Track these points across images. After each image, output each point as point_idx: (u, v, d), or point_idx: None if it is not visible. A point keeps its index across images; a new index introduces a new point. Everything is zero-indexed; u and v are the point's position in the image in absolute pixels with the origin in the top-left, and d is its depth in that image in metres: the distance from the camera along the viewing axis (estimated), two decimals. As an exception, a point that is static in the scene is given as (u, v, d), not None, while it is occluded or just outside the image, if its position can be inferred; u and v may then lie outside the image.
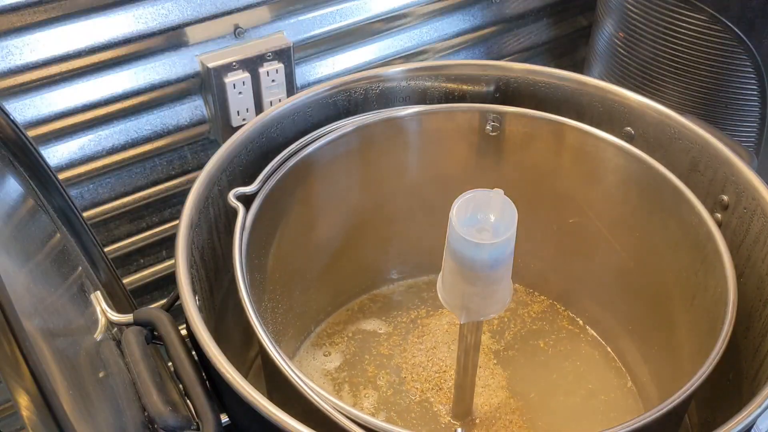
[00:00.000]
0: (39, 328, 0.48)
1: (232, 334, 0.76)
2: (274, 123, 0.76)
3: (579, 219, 0.82)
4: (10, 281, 0.42)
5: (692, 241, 0.70)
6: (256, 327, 0.58)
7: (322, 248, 0.84)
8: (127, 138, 0.87)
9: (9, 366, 0.40)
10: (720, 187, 0.72)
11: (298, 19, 0.92)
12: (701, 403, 0.77)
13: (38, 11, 0.76)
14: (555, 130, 0.79)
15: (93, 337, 0.60)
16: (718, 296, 0.64)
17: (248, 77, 0.88)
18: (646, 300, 0.80)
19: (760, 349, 0.66)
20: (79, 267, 0.65)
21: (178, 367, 0.57)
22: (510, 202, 0.63)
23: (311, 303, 0.86)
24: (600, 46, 1.08)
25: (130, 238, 0.95)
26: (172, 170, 0.93)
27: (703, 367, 0.57)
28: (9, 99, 0.78)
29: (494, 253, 0.62)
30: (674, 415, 0.56)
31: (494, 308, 0.67)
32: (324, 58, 0.98)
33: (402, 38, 1.03)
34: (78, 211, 0.66)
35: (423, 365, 0.83)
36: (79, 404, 0.47)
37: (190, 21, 0.84)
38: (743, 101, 0.94)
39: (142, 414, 0.54)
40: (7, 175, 0.59)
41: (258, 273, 0.72)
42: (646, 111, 0.77)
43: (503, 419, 0.78)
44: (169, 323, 0.59)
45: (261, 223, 0.69)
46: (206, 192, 0.69)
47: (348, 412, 0.53)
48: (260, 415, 0.52)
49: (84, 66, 0.81)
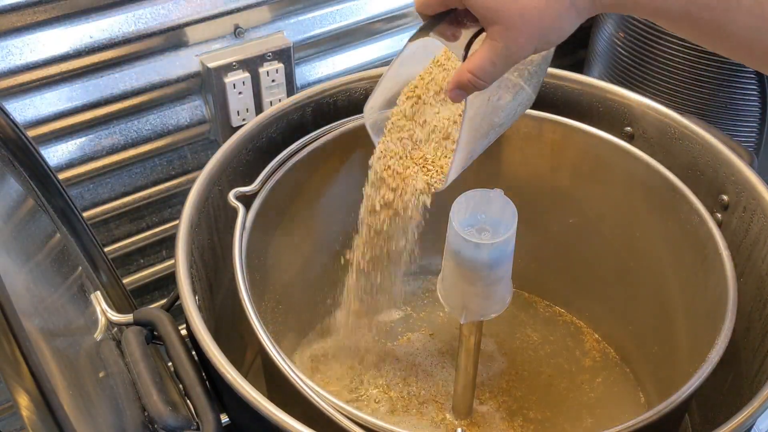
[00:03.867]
0: (39, 328, 0.48)
1: (232, 334, 0.76)
2: (274, 123, 0.76)
3: (579, 219, 0.82)
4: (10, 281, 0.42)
5: (692, 241, 0.70)
6: (256, 327, 0.58)
7: (322, 248, 0.84)
8: (127, 138, 0.87)
9: (9, 366, 0.40)
10: (720, 187, 0.72)
11: (298, 19, 0.92)
12: (701, 403, 0.77)
13: (38, 11, 0.76)
14: (555, 130, 0.79)
15: (93, 337, 0.60)
16: (718, 296, 0.64)
17: (248, 77, 0.88)
18: (646, 300, 0.80)
19: (760, 349, 0.66)
20: (79, 267, 0.65)
21: (178, 367, 0.57)
22: (510, 202, 0.63)
23: (311, 303, 0.86)
24: (600, 46, 1.08)
25: (130, 238, 0.95)
26: (172, 170, 0.93)
27: (703, 367, 0.57)
28: (9, 99, 0.78)
29: (494, 253, 0.62)
30: (674, 415, 0.56)
31: (494, 308, 0.67)
32: (324, 58, 0.98)
33: (402, 38, 1.03)
34: (78, 211, 0.66)
35: (423, 365, 0.83)
36: (79, 404, 0.47)
37: (190, 21, 0.84)
38: (743, 101, 0.94)
39: (142, 414, 0.54)
40: (7, 175, 0.59)
41: (258, 273, 0.72)
42: (646, 111, 0.77)
43: (503, 419, 0.78)
44: (169, 323, 0.59)
45: (261, 223, 0.69)
46: (206, 192, 0.69)
47: (348, 412, 0.53)
48: (260, 415, 0.52)
49: (84, 66, 0.81)
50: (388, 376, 0.82)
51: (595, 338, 0.87)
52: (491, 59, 0.51)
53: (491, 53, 0.51)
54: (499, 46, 0.51)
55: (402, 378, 0.82)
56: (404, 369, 0.83)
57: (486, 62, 0.52)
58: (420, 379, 0.82)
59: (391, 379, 0.82)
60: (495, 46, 0.51)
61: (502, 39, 0.50)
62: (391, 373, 0.82)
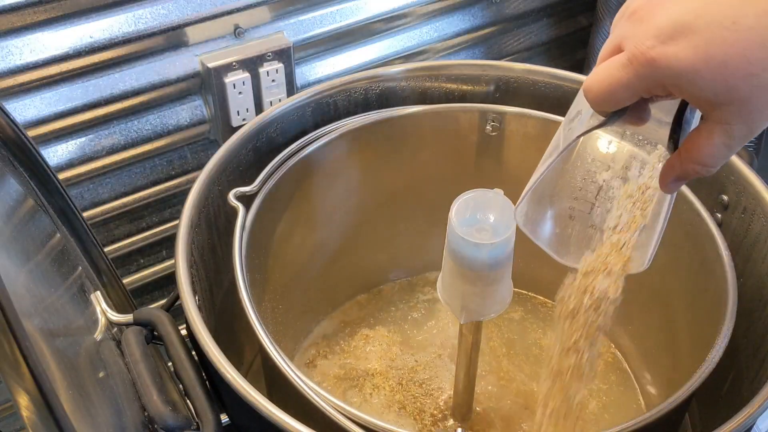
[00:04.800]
0: (39, 328, 0.48)
1: (232, 334, 0.76)
2: (274, 123, 0.76)
3: (579, 219, 0.82)
4: (10, 281, 0.42)
5: (692, 241, 0.70)
6: (256, 327, 0.58)
7: (322, 248, 0.84)
8: (127, 138, 0.87)
9: (9, 366, 0.40)
10: (720, 187, 0.72)
11: (298, 19, 0.92)
12: (701, 403, 0.77)
13: (38, 11, 0.76)
14: (555, 130, 0.79)
15: (93, 337, 0.60)
16: (718, 296, 0.64)
17: (248, 77, 0.88)
18: (646, 300, 0.79)
19: (760, 349, 0.66)
20: (79, 267, 0.65)
21: (178, 367, 0.57)
22: (510, 202, 0.63)
23: (311, 303, 0.86)
24: (600, 46, 1.08)
25: (130, 238, 0.95)
26: (172, 170, 0.93)
27: (703, 367, 0.57)
28: (9, 99, 0.78)
29: (494, 253, 0.62)
30: (674, 415, 0.56)
31: (494, 308, 0.67)
32: (324, 58, 0.98)
33: (402, 38, 1.03)
34: (78, 211, 0.66)
35: (423, 365, 0.83)
36: (79, 404, 0.47)
37: (190, 21, 0.84)
38: (743, 101, 0.94)
39: (142, 414, 0.54)
40: (7, 175, 0.59)
41: (258, 273, 0.72)
42: (646, 111, 0.77)
43: (503, 419, 0.78)
44: (169, 323, 0.59)
45: (261, 223, 0.69)
46: (206, 192, 0.69)
47: (348, 412, 0.53)
48: (260, 415, 0.52)
49: (84, 66, 0.81)
50: (388, 376, 0.82)
51: (595, 338, 0.87)
52: (726, 143, 0.43)
53: (725, 136, 0.43)
54: (736, 127, 0.42)
55: (402, 378, 0.82)
56: (404, 369, 0.83)
57: (721, 149, 0.43)
58: (420, 379, 0.82)
59: (391, 379, 0.82)
60: (729, 129, 0.42)
61: (737, 119, 0.42)
62: (391, 373, 0.82)
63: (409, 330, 0.87)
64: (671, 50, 0.40)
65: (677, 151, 0.46)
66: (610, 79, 0.43)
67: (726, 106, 0.41)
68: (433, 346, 0.85)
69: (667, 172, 0.47)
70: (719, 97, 0.41)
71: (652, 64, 0.41)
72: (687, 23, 0.40)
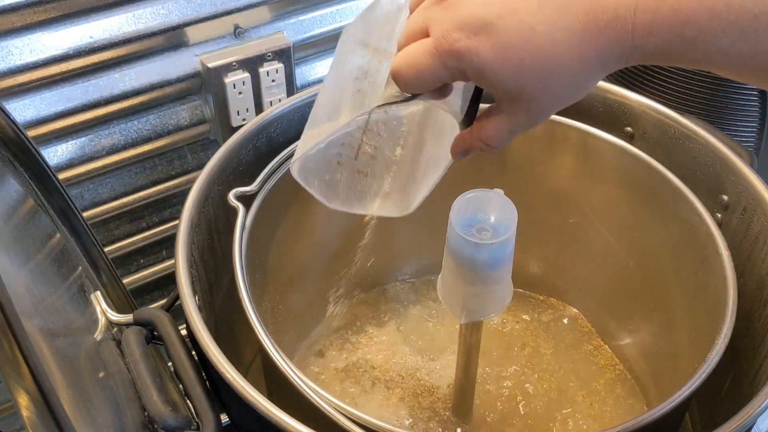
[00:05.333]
0: (39, 328, 0.48)
1: (232, 334, 0.76)
2: (274, 123, 0.76)
3: (579, 219, 0.82)
4: (10, 281, 0.42)
5: (692, 241, 0.70)
6: (256, 327, 0.58)
7: (322, 248, 0.84)
8: (127, 138, 0.87)
9: (9, 366, 0.40)
10: (720, 187, 0.72)
11: (298, 19, 0.92)
12: (701, 403, 0.77)
13: (38, 11, 0.76)
14: (555, 130, 0.79)
15: (93, 337, 0.60)
16: (718, 296, 0.64)
17: (248, 77, 0.88)
18: (646, 300, 0.80)
19: (760, 349, 0.66)
20: (79, 267, 0.65)
21: (178, 367, 0.57)
22: (510, 202, 0.63)
23: (311, 303, 0.86)
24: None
25: (130, 238, 0.95)
26: (172, 170, 0.93)
27: (703, 367, 0.57)
28: (9, 99, 0.78)
29: (494, 253, 0.62)
30: (674, 415, 0.56)
31: (494, 308, 0.66)
32: (324, 58, 0.98)
33: (402, 38, 1.03)
34: (78, 211, 0.66)
35: (423, 365, 0.83)
36: (79, 404, 0.47)
37: (190, 21, 0.84)
38: (743, 101, 0.94)
39: (142, 414, 0.54)
40: (7, 175, 0.59)
41: (258, 273, 0.72)
42: (646, 111, 0.77)
43: (504, 420, 0.78)
44: (169, 323, 0.59)
45: (261, 223, 0.69)
46: (206, 192, 0.69)
47: (348, 412, 0.53)
48: (260, 415, 0.52)
49: (84, 66, 0.81)
50: (389, 377, 0.82)
51: (595, 338, 0.87)
52: (510, 129, 0.48)
53: (510, 124, 0.48)
54: (521, 119, 0.48)
55: (402, 378, 0.82)
56: (405, 369, 0.83)
57: (504, 133, 0.49)
58: (420, 379, 0.82)
59: (391, 380, 0.82)
60: (514, 119, 0.48)
61: (523, 113, 0.47)
62: (391, 373, 0.82)
63: (409, 330, 0.87)
64: (474, 45, 0.44)
65: (470, 128, 0.51)
66: (419, 66, 0.46)
67: (516, 100, 0.46)
68: (433, 347, 0.85)
69: (459, 143, 0.53)
70: (511, 93, 0.46)
71: (458, 57, 0.44)
72: (491, 23, 0.43)
